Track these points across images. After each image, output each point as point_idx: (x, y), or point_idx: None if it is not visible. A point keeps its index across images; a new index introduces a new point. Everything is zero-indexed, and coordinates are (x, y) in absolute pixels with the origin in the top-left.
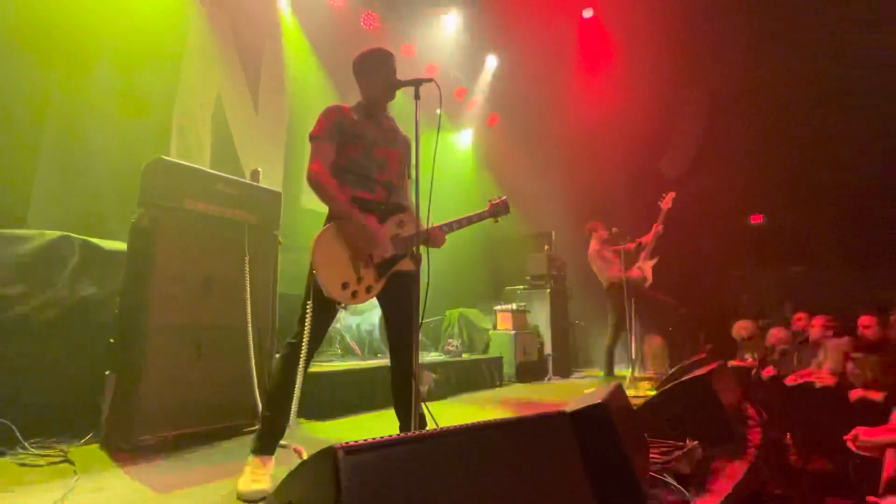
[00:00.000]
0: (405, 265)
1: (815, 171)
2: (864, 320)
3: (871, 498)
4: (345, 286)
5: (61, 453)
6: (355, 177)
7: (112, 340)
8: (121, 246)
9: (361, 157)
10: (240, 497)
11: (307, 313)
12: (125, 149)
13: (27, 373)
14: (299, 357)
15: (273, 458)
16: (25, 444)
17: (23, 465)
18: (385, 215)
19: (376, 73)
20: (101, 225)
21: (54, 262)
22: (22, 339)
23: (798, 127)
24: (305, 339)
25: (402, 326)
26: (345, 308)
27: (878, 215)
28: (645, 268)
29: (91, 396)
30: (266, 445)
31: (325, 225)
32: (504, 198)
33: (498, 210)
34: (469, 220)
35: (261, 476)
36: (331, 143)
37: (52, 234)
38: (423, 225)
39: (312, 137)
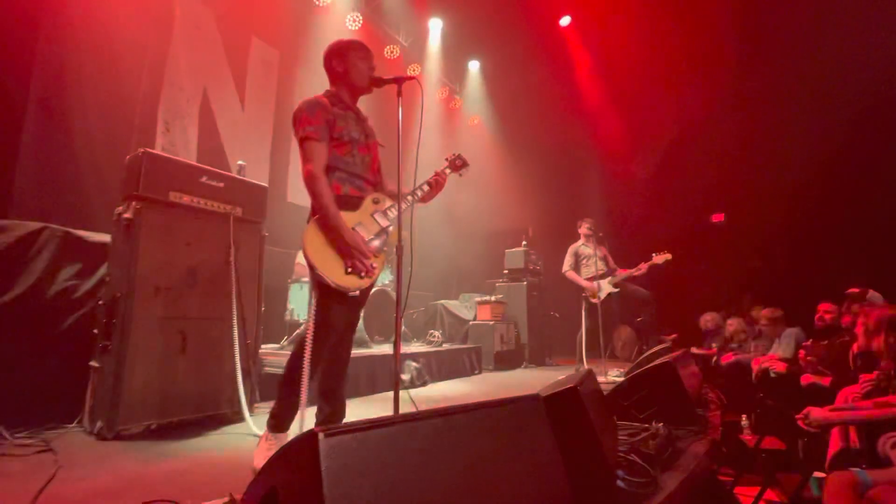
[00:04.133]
0: (391, 237)
1: (772, 174)
2: (823, 307)
3: (817, 473)
4: (348, 271)
5: (43, 443)
6: (345, 175)
7: (95, 331)
8: (104, 237)
9: (348, 156)
10: (255, 471)
11: (325, 311)
12: (109, 141)
13: (8, 363)
14: (317, 353)
15: (287, 434)
16: (7, 434)
17: (4, 454)
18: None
19: (360, 66)
20: (84, 217)
21: (34, 253)
22: (2, 329)
23: (756, 132)
24: (309, 338)
25: (353, 319)
26: (357, 294)
27: (828, 216)
28: (602, 285)
29: (74, 386)
30: (281, 423)
31: (309, 220)
32: (459, 153)
33: (455, 164)
34: (439, 175)
35: (266, 453)
36: (323, 143)
37: (32, 224)
38: (402, 205)
39: (306, 139)
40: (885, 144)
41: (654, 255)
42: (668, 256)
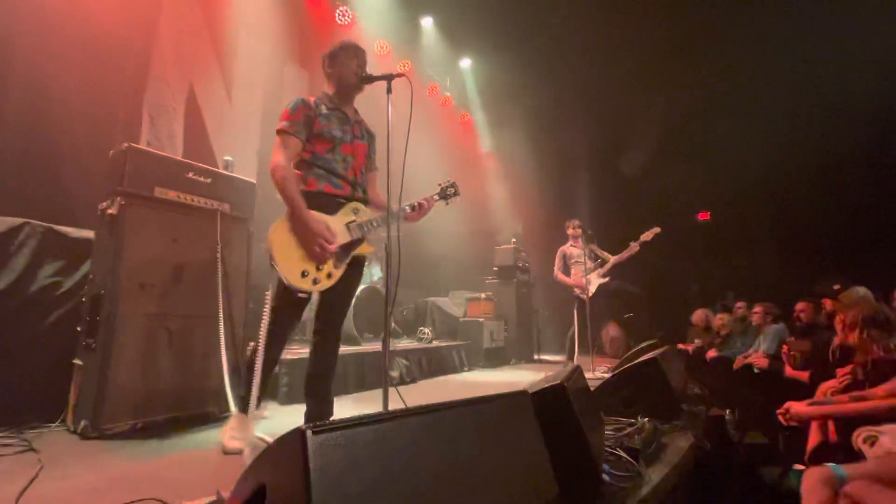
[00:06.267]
0: (363, 249)
1: (756, 174)
2: (800, 306)
3: (797, 465)
4: (304, 274)
5: (25, 442)
6: (322, 171)
7: (79, 328)
8: (88, 234)
9: (328, 154)
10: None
11: (278, 303)
12: (93, 136)
13: None
14: (278, 340)
15: (248, 416)
16: None
17: None
18: (340, 206)
19: (349, 65)
20: (67, 212)
21: (15, 249)
22: None
23: (741, 133)
24: (263, 331)
25: (337, 309)
26: (306, 296)
27: (810, 215)
28: (591, 279)
29: (57, 385)
30: (247, 404)
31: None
32: (453, 182)
33: (447, 192)
34: (427, 201)
35: (240, 435)
36: (297, 137)
37: (13, 220)
38: (392, 210)
39: (280, 131)
40: (868, 145)
41: (642, 235)
42: (657, 230)
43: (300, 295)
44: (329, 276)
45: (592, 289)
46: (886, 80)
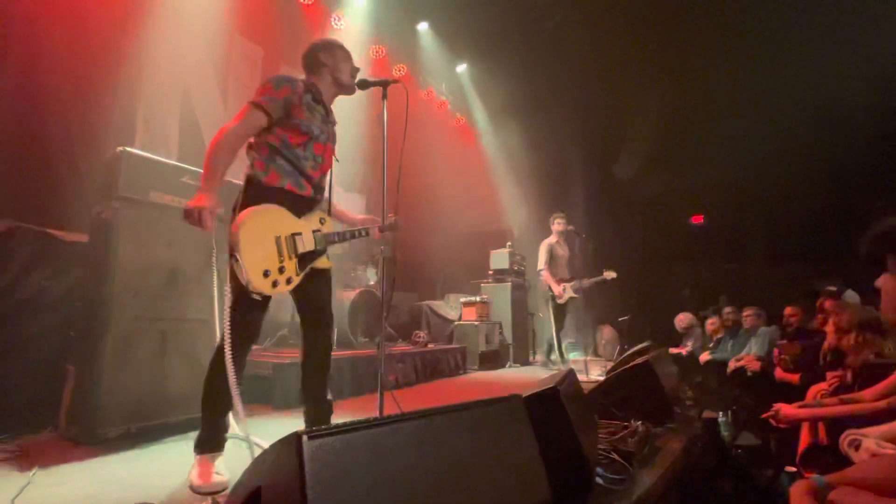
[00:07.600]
0: (322, 262)
1: (749, 179)
2: (788, 310)
3: (788, 467)
4: (266, 274)
5: (17, 448)
6: (289, 167)
7: (72, 333)
8: (81, 237)
9: (299, 148)
10: (195, 490)
11: (234, 306)
12: (87, 139)
13: None
14: (239, 354)
15: (221, 453)
16: None
17: None
18: (305, 210)
19: (346, 61)
20: (59, 216)
21: (6, 253)
22: None
23: (735, 137)
24: (227, 335)
25: (321, 319)
26: (259, 298)
27: (802, 220)
28: (567, 288)
29: (50, 389)
30: (209, 444)
31: (244, 203)
32: (395, 217)
33: (387, 225)
34: (356, 232)
35: (210, 471)
36: (269, 115)
37: (4, 223)
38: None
39: (251, 102)
40: (859, 151)
41: (604, 271)
42: (614, 275)
43: (254, 296)
44: (288, 281)
45: (566, 297)
46: (877, 86)
